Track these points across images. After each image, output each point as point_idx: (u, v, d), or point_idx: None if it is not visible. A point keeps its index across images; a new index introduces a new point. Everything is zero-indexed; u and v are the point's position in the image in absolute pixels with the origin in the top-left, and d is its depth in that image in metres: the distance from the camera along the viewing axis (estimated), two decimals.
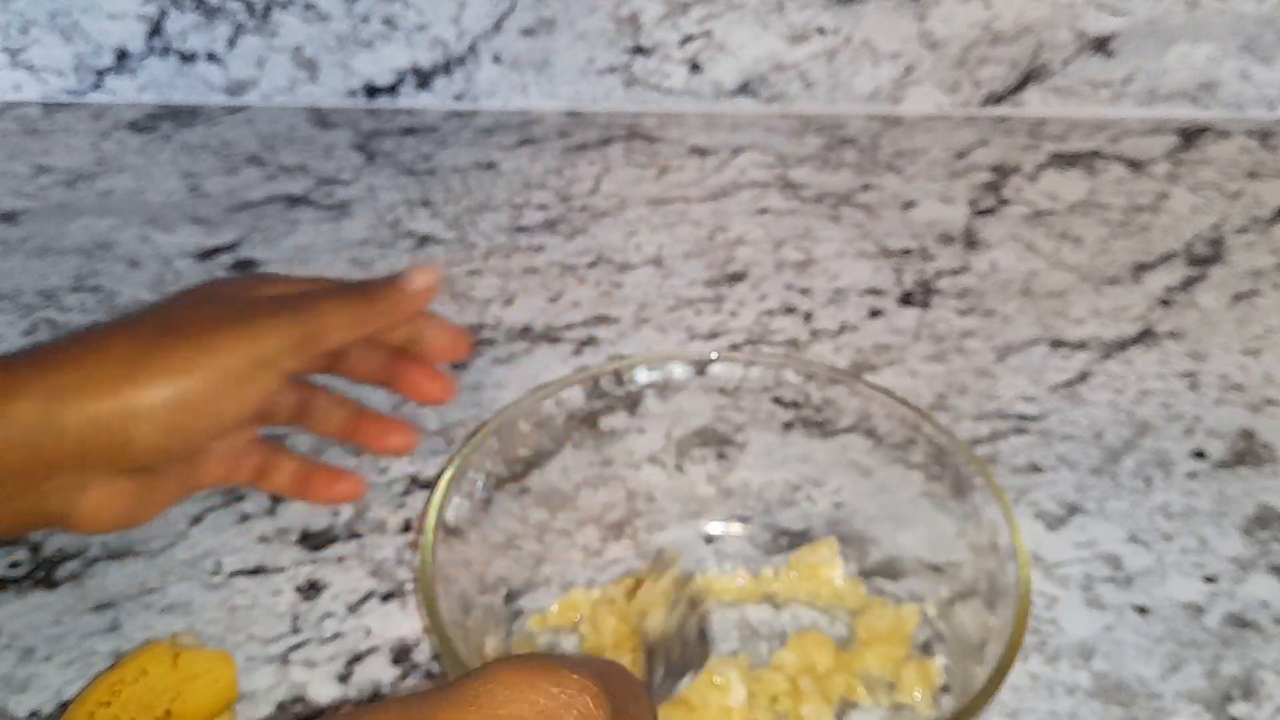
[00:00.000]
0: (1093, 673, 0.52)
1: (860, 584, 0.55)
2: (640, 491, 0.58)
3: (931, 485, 0.53)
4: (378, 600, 0.56)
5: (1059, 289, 0.76)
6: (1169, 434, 0.64)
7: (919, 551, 0.54)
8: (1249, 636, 0.54)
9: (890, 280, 0.76)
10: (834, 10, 0.90)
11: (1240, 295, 0.75)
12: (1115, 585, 0.56)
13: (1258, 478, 0.62)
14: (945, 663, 0.51)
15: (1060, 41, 0.90)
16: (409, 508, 0.60)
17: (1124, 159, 0.88)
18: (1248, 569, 0.57)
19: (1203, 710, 0.51)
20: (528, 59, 0.93)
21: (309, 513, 0.60)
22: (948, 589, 0.52)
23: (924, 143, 0.90)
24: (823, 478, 0.57)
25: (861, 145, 0.90)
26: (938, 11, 0.89)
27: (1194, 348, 0.71)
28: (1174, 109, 0.93)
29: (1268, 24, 0.88)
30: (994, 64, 0.91)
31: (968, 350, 0.71)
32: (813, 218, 0.82)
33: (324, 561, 0.57)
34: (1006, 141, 0.90)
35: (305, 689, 0.52)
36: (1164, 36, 0.90)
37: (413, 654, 0.53)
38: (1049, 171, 0.87)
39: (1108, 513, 0.60)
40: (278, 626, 0.54)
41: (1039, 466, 0.62)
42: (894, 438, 0.54)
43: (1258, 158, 0.88)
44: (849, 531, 0.56)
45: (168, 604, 0.55)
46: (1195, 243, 0.80)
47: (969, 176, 0.87)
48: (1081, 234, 0.80)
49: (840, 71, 0.92)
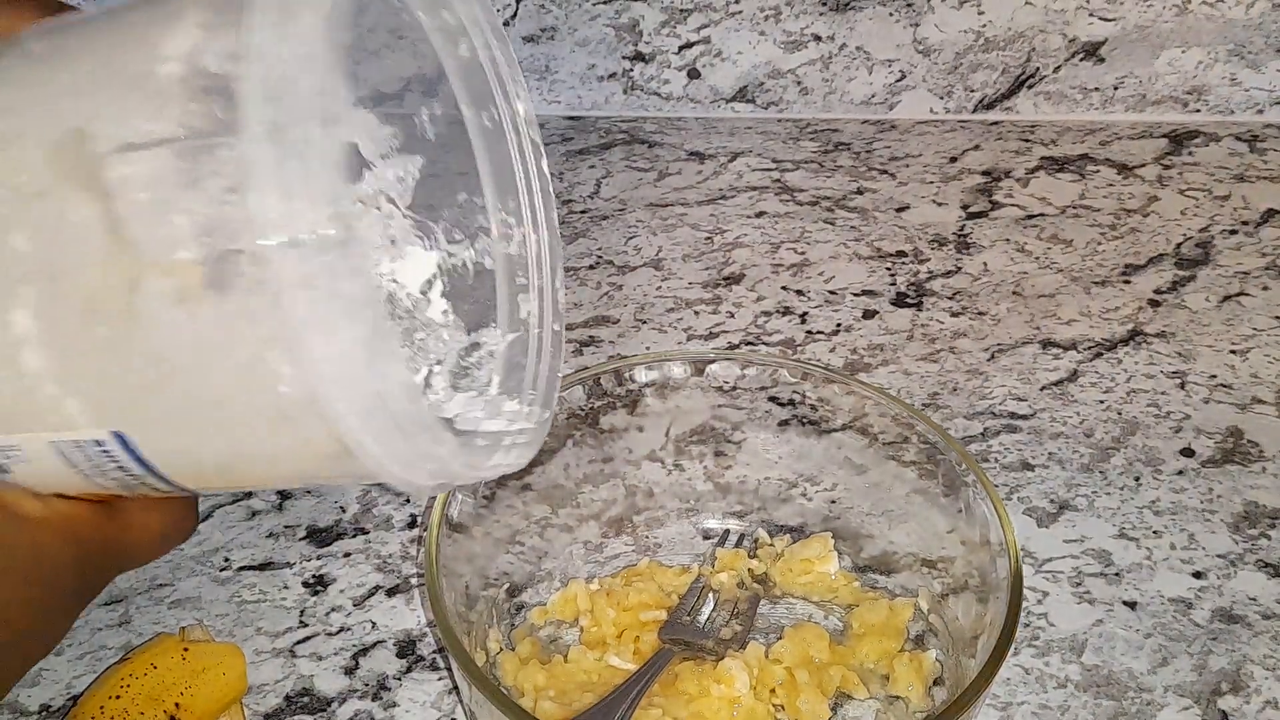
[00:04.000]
0: (1083, 666, 0.53)
1: (855, 578, 0.56)
2: (640, 488, 0.58)
3: (924, 482, 0.53)
4: (383, 594, 0.56)
5: (1050, 290, 0.76)
6: (1158, 432, 0.65)
7: (912, 547, 0.55)
8: (1237, 631, 0.55)
9: (884, 282, 0.77)
10: (829, 18, 0.90)
11: (1228, 296, 0.76)
12: (1105, 580, 0.57)
13: (1245, 475, 0.63)
14: (938, 656, 0.52)
15: (1051, 48, 0.91)
16: (414, 504, 0.61)
17: (1114, 163, 0.89)
18: (1236, 565, 0.58)
19: (1191, 703, 0.51)
20: (530, 65, 0.93)
21: (316, 509, 0.61)
22: (940, 584, 0.53)
23: (917, 147, 0.91)
24: (818, 474, 0.58)
25: (856, 150, 0.91)
26: (931, 19, 0.90)
27: (1183, 348, 0.72)
28: (1163, 113, 0.94)
29: (1256, 29, 0.89)
30: (986, 70, 0.92)
31: (960, 350, 0.71)
32: (808, 221, 0.83)
33: (331, 557, 0.58)
34: (998, 146, 0.91)
35: (313, 681, 0.52)
36: (1154, 42, 0.91)
37: (418, 647, 0.54)
38: (1040, 175, 0.88)
39: (1098, 509, 0.61)
40: (285, 620, 0.55)
41: (1030, 464, 0.63)
42: (888, 436, 0.55)
43: (1246, 161, 0.89)
44: (844, 527, 0.57)
45: (177, 598, 0.56)
46: (1184, 245, 0.81)
47: (961, 180, 0.87)
48: (1072, 236, 0.81)
49: (835, 78, 0.93)
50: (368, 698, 0.52)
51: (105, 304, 0.29)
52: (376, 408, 0.29)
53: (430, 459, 0.31)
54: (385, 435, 0.30)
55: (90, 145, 0.29)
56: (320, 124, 0.27)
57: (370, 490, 0.62)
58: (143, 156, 0.28)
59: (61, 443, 0.31)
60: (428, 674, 0.53)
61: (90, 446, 0.31)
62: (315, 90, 0.27)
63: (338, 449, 0.30)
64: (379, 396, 0.29)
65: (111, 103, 0.29)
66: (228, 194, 0.27)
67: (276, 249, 0.27)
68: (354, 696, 0.52)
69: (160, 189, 0.28)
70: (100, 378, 0.30)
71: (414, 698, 0.52)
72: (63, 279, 0.29)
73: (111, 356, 0.30)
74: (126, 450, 0.31)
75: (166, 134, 0.28)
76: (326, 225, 0.27)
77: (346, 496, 0.61)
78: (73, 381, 0.30)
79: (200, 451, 0.32)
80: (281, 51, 0.28)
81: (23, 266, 0.29)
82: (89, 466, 0.31)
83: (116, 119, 0.29)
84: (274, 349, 0.28)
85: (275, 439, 0.30)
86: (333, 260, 0.27)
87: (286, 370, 0.28)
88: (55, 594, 0.33)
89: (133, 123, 0.28)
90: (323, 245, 0.27)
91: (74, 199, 0.29)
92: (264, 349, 0.28)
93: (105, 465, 0.31)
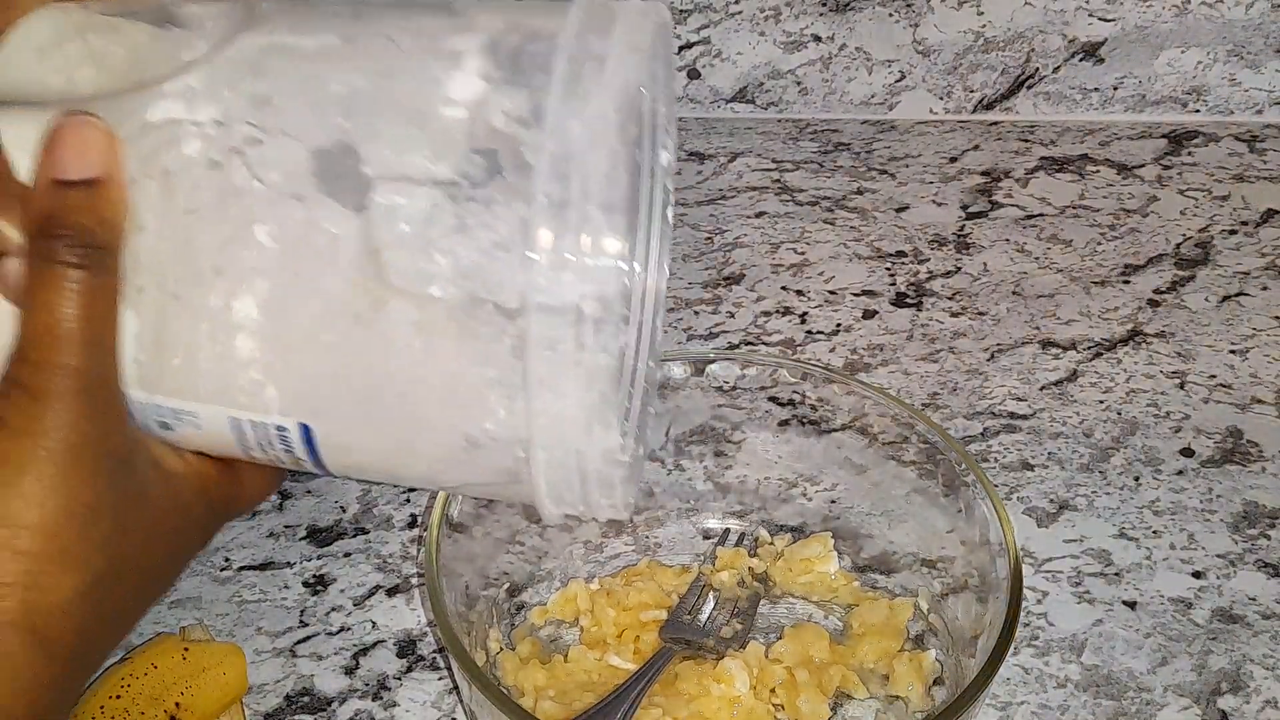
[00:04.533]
0: (1083, 666, 0.53)
1: (854, 578, 0.56)
2: (639, 488, 0.58)
3: (924, 482, 0.54)
4: (384, 594, 0.57)
5: (1049, 290, 0.77)
6: (1158, 432, 0.65)
7: (912, 547, 0.55)
8: (1237, 631, 0.55)
9: (884, 282, 0.77)
10: (829, 18, 0.91)
11: (1228, 296, 0.76)
12: (1105, 580, 0.57)
13: (1245, 475, 0.63)
14: (938, 656, 0.52)
15: (1051, 48, 0.91)
16: (414, 504, 0.61)
17: (1113, 163, 0.89)
18: (1235, 565, 0.58)
19: (1191, 703, 0.51)
20: None
21: (316, 509, 0.61)
22: (940, 584, 0.53)
23: (917, 147, 0.91)
24: (818, 474, 0.58)
25: (856, 150, 0.91)
26: (930, 19, 0.90)
27: (1182, 348, 0.72)
28: (1163, 114, 0.94)
29: (1255, 30, 0.89)
30: (986, 70, 0.93)
31: (959, 350, 0.72)
32: (808, 221, 0.83)
33: (331, 556, 0.58)
34: (998, 146, 0.91)
35: (313, 681, 0.53)
36: (1153, 42, 0.91)
37: (418, 647, 0.54)
38: (1040, 175, 0.88)
39: (1097, 509, 0.61)
40: (286, 620, 0.55)
41: (1030, 464, 0.63)
42: (887, 436, 0.55)
43: (1245, 161, 0.89)
44: (843, 527, 0.57)
45: (177, 598, 0.56)
46: (1183, 245, 0.81)
47: (961, 180, 0.87)
48: (1071, 236, 0.81)
49: (835, 78, 0.93)
50: (368, 697, 0.52)
51: (340, 315, 0.30)
52: (572, 462, 0.32)
53: (587, 504, 0.33)
54: (567, 483, 0.32)
55: (361, 166, 0.30)
56: (602, 210, 0.29)
57: (370, 490, 0.62)
58: (416, 192, 0.29)
59: (243, 419, 0.32)
60: (428, 674, 0.53)
61: (270, 429, 0.32)
62: (602, 176, 0.29)
63: (508, 479, 0.33)
64: (580, 454, 0.31)
65: (389, 131, 0.30)
66: (496, 248, 0.29)
67: (535, 310, 0.29)
68: (354, 696, 0.52)
69: (427, 226, 0.29)
70: (309, 376, 0.32)
71: (414, 697, 0.52)
72: (302, 281, 0.30)
73: (329, 360, 0.31)
74: (305, 440, 0.33)
75: (443, 177, 0.29)
76: (590, 302, 0.29)
77: (346, 496, 0.61)
78: (279, 372, 0.31)
79: (373, 453, 0.33)
80: (574, 130, 0.29)
81: (261, 258, 0.30)
82: (255, 442, 0.33)
83: (393, 148, 0.30)
84: (497, 391, 0.30)
85: (452, 458, 0.32)
86: (584, 333, 0.30)
87: (501, 412, 0.31)
88: (184, 542, 0.35)
89: (410, 157, 0.30)
90: (579, 318, 0.29)
91: (333, 212, 0.30)
92: (487, 389, 0.30)
93: (273, 445, 0.33)
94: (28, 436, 0.30)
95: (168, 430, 0.33)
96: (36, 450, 0.30)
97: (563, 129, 0.29)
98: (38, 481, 0.30)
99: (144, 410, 0.33)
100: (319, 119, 0.30)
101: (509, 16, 0.31)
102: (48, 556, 0.30)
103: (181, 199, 0.30)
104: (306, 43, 0.32)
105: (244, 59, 0.31)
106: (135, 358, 0.32)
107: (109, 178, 0.31)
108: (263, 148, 0.30)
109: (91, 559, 0.31)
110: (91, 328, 0.31)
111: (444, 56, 0.31)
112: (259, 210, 0.30)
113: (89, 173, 0.30)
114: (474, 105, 0.30)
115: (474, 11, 0.32)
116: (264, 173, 0.30)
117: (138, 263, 0.31)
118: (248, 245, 0.30)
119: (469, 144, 0.29)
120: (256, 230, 0.30)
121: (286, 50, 0.31)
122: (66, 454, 0.30)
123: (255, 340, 0.31)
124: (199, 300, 0.31)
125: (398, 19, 0.32)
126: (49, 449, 0.30)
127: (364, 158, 0.30)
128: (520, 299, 0.29)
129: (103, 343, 0.31)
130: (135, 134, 0.31)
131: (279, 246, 0.30)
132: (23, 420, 0.30)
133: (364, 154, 0.30)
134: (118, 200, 0.31)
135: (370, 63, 0.31)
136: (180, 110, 0.31)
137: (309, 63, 0.31)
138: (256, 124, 0.30)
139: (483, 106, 0.30)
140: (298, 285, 0.30)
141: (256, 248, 0.30)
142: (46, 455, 0.30)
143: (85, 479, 0.31)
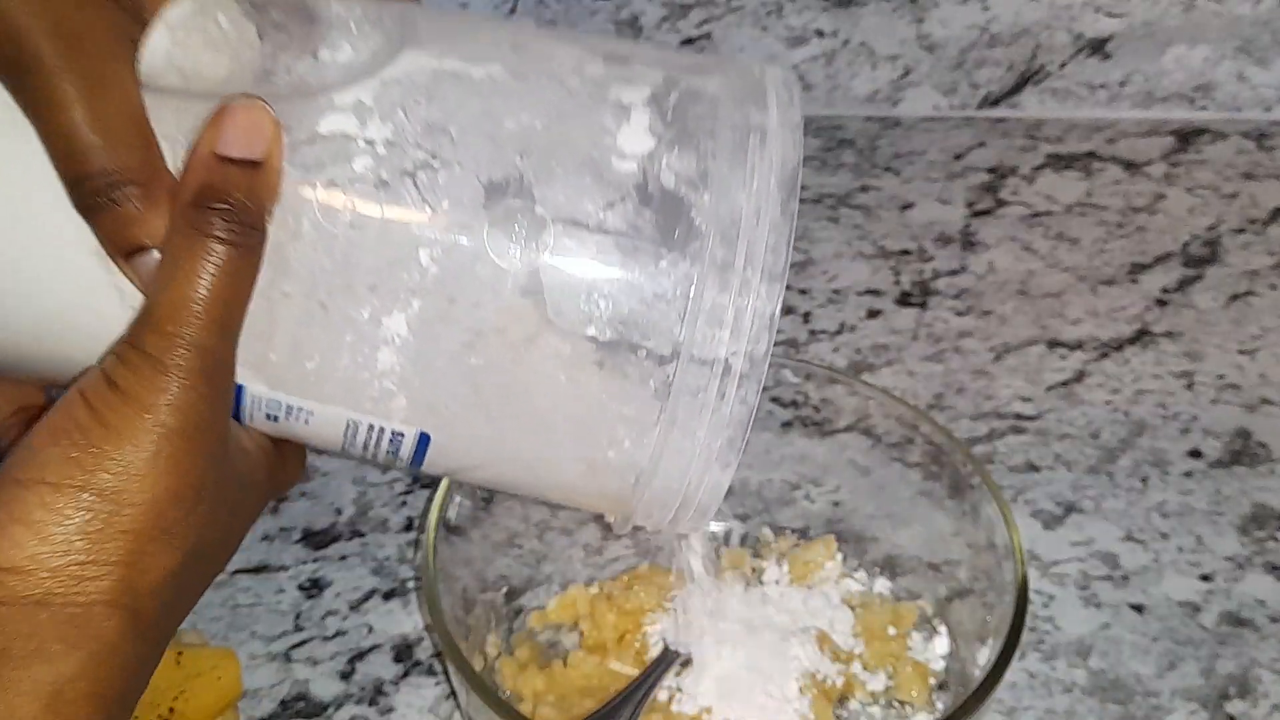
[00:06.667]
0: (1090, 670, 0.53)
1: (859, 581, 0.55)
2: None
3: (929, 484, 0.53)
4: (380, 598, 0.56)
5: (1056, 289, 0.76)
6: (1165, 433, 0.65)
7: (917, 550, 0.54)
8: (1245, 635, 0.54)
9: (888, 281, 0.77)
10: (832, 13, 0.90)
11: (1236, 296, 0.75)
12: (1112, 584, 0.57)
13: (1253, 477, 0.62)
14: (943, 660, 0.52)
15: (1057, 43, 0.91)
16: (411, 506, 0.61)
17: (1120, 160, 0.88)
18: (1244, 567, 0.57)
19: (1199, 708, 0.51)
20: None
21: (312, 511, 0.60)
22: (946, 587, 0.53)
23: (922, 144, 0.91)
24: (821, 477, 0.57)
25: (860, 147, 0.91)
26: (935, 14, 0.90)
27: (1190, 348, 0.71)
28: (1170, 110, 0.93)
29: (1264, 26, 0.89)
30: (991, 66, 0.92)
31: (965, 350, 0.71)
32: (811, 218, 0.83)
33: (326, 559, 0.58)
34: (1004, 143, 0.91)
35: (308, 686, 0.52)
36: (1160, 38, 0.90)
37: (415, 651, 0.54)
38: (1046, 173, 0.87)
39: (1104, 512, 0.60)
40: (281, 624, 0.55)
41: (1036, 466, 0.63)
42: (892, 437, 0.54)
43: (1254, 159, 0.88)
44: (847, 530, 0.56)
45: None
46: (1191, 243, 0.80)
47: (966, 178, 0.87)
48: (1078, 235, 0.81)
49: (839, 74, 0.93)
50: (364, 703, 0.52)
51: (491, 342, 0.32)
52: (682, 493, 0.34)
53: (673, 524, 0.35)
54: (666, 507, 0.34)
55: (535, 206, 0.31)
56: (764, 280, 0.32)
57: (366, 492, 0.61)
58: (586, 237, 0.31)
59: (361, 422, 0.34)
60: (425, 679, 0.53)
61: (385, 434, 0.34)
62: (765, 246, 0.32)
63: (605, 498, 0.35)
64: (694, 487, 0.34)
65: (564, 175, 0.32)
66: (657, 300, 0.31)
67: (687, 360, 0.32)
68: (350, 701, 0.52)
69: (592, 271, 0.31)
70: (444, 392, 0.33)
71: (411, 703, 0.52)
72: (458, 306, 0.32)
73: (469, 382, 0.32)
74: (418, 447, 0.34)
75: (613, 227, 0.31)
76: (739, 358, 0.32)
77: (342, 499, 0.61)
78: (415, 386, 0.33)
79: (480, 462, 0.35)
80: (740, 200, 0.32)
81: (421, 280, 0.31)
82: (361, 442, 0.34)
83: (567, 193, 0.32)
84: (628, 426, 0.33)
85: (563, 476, 0.34)
86: (727, 385, 0.32)
87: (628, 444, 0.33)
88: (249, 520, 0.36)
89: (583, 204, 0.32)
90: (726, 371, 0.32)
91: (502, 244, 0.31)
92: (619, 423, 0.33)
93: (380, 448, 0.34)
94: (148, 411, 0.29)
95: (273, 421, 0.34)
96: (154, 427, 0.29)
97: (731, 197, 0.31)
98: (153, 461, 0.29)
99: (257, 402, 0.33)
100: (495, 154, 0.32)
101: (665, 69, 0.34)
102: (149, 536, 0.30)
103: (345, 214, 0.31)
104: (475, 72, 0.33)
105: (415, 82, 0.32)
106: (266, 355, 0.32)
107: (270, 165, 0.31)
108: (435, 174, 0.31)
109: (189, 538, 0.31)
110: (228, 310, 0.30)
111: (612, 105, 0.32)
112: (425, 234, 0.31)
113: (253, 154, 0.30)
114: (644, 160, 0.32)
115: (628, 55, 0.34)
116: (435, 199, 0.31)
117: (288, 268, 0.31)
118: (409, 268, 0.31)
119: (639, 198, 0.32)
120: (422, 253, 0.31)
121: (457, 78, 0.33)
122: (182, 434, 0.30)
123: (399, 355, 0.32)
124: (348, 312, 0.32)
125: (557, 57, 0.33)
126: (166, 427, 0.30)
127: (539, 198, 0.31)
128: (673, 348, 0.32)
129: (233, 327, 0.31)
130: (304, 141, 0.31)
131: (440, 271, 0.31)
132: (144, 391, 0.29)
133: (539, 194, 0.31)
134: (273, 188, 0.31)
135: (542, 104, 0.32)
136: (352, 126, 0.31)
137: (481, 96, 0.32)
138: (430, 150, 0.31)
139: (652, 162, 0.32)
140: (453, 309, 0.32)
141: (418, 270, 0.31)
142: (164, 434, 0.30)
143: (196, 461, 0.30)
